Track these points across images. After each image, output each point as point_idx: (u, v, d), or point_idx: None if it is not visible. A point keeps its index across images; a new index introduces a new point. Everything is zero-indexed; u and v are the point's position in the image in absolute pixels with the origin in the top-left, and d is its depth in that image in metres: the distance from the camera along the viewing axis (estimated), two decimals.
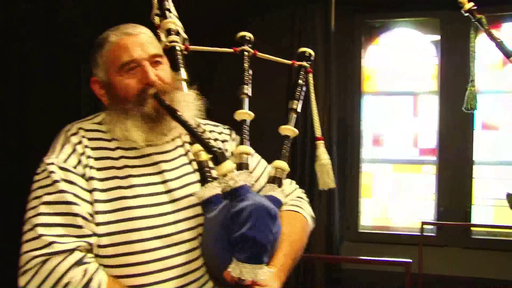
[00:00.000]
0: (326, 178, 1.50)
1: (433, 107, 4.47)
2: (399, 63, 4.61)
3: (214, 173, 1.27)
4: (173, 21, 1.40)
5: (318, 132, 1.53)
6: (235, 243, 1.12)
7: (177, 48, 1.38)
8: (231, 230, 1.12)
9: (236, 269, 1.11)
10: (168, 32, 1.39)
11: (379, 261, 3.47)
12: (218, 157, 1.18)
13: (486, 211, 4.39)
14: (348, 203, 4.54)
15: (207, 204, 1.24)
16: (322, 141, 1.51)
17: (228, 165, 1.18)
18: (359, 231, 4.59)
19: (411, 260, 2.85)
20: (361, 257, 3.68)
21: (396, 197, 4.62)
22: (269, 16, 4.29)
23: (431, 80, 4.52)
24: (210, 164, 1.28)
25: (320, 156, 1.51)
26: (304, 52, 1.51)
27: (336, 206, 4.21)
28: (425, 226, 4.28)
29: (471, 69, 3.00)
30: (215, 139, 1.38)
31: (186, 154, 1.35)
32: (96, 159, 1.25)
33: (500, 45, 2.81)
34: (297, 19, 4.25)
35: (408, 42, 4.60)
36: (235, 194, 1.17)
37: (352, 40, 4.53)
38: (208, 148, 1.20)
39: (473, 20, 2.92)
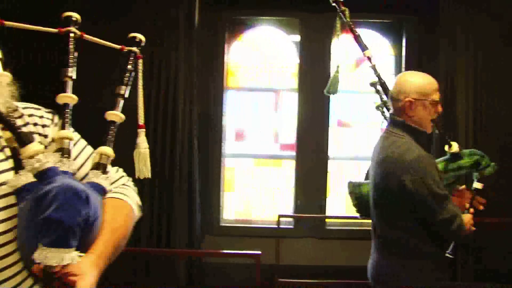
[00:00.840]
0: (143, 166, 1.47)
1: (293, 104, 4.63)
2: (261, 60, 4.72)
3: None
4: None
5: (141, 119, 1.49)
6: (40, 228, 1.04)
7: None
8: (36, 215, 1.05)
9: (41, 255, 1.03)
10: None
11: (230, 253, 3.53)
12: (23, 138, 1.10)
13: (339, 203, 4.65)
14: (210, 197, 4.56)
15: (21, 192, 1.14)
16: (144, 129, 1.48)
17: (34, 146, 1.11)
18: (221, 225, 4.63)
19: (259, 252, 2.92)
20: (212, 250, 3.72)
21: (257, 191, 4.72)
22: (137, 8, 4.16)
23: (292, 77, 4.69)
24: None
25: (139, 144, 1.48)
26: (134, 37, 1.46)
27: (197, 200, 4.21)
28: (283, 219, 4.46)
29: (337, 57, 3.16)
30: (35, 124, 1.28)
31: None
32: None
33: (358, 38, 2.98)
34: (161, 12, 4.17)
35: (271, 40, 4.73)
36: (42, 177, 1.10)
37: (216, 35, 4.55)
38: (12, 130, 1.12)
39: (338, 11, 3.07)
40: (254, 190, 4.73)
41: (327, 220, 4.60)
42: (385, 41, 4.72)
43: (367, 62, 2.80)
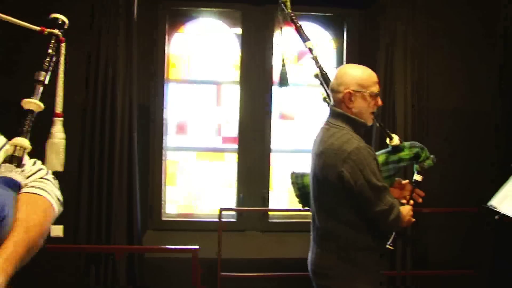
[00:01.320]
0: (55, 158, 1.37)
1: (235, 96, 4.58)
2: (204, 52, 4.65)
3: None
4: None
5: (58, 107, 1.39)
6: None
7: None
8: None
9: None
10: None
11: (167, 249, 3.46)
12: None
13: (282, 196, 4.66)
14: (151, 191, 4.46)
15: None
16: (61, 118, 1.38)
17: None
18: (163, 219, 4.54)
19: (197, 247, 2.87)
20: (148, 246, 3.64)
21: (200, 185, 4.66)
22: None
23: (234, 70, 4.64)
24: None
25: (54, 134, 1.38)
26: (57, 18, 1.36)
27: (138, 195, 4.11)
28: (227, 212, 4.42)
29: (282, 51, 3.15)
30: None
31: None
32: None
33: (299, 29, 2.97)
34: (99, 3, 4.02)
35: (213, 32, 4.66)
36: None
37: (156, 25, 4.45)
38: None
39: (280, 2, 3.06)
40: (197, 183, 4.66)
41: (270, 213, 4.60)
42: (327, 35, 4.75)
43: (309, 54, 2.83)
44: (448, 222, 4.36)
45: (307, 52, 4.68)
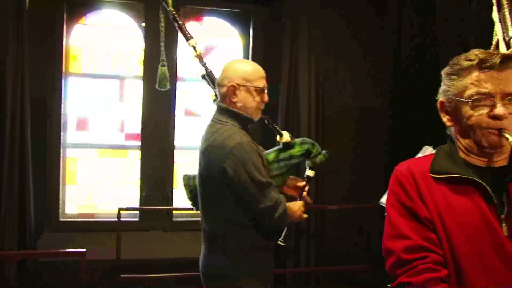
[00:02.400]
0: None
1: (138, 92, 4.43)
2: (106, 45, 4.47)
3: None
4: None
5: None
6: None
7: None
8: None
9: None
10: None
11: (52, 253, 3.28)
12: None
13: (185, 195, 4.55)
14: (48, 191, 4.23)
15: None
16: None
17: None
18: (61, 220, 4.31)
19: (84, 250, 2.73)
20: (30, 251, 3.44)
21: (102, 183, 4.48)
22: None
23: (138, 65, 4.49)
24: None
25: None
26: None
27: (31, 195, 3.87)
28: (130, 212, 4.29)
29: (161, 49, 3.05)
30: None
31: None
32: None
33: (181, 28, 2.89)
34: None
35: (116, 24, 4.49)
36: None
37: (53, 15, 4.20)
38: None
39: (161, 1, 2.96)
40: (99, 182, 4.47)
41: (174, 211, 4.48)
42: (234, 30, 4.70)
43: (216, 50, 2.76)
44: (349, 218, 4.44)
45: (214, 48, 4.72)
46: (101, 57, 4.47)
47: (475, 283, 1.32)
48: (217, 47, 4.66)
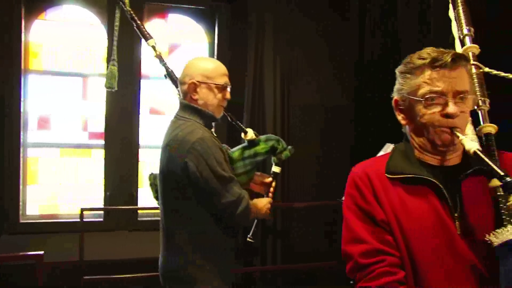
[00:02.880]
0: None
1: (102, 90, 4.33)
2: (68, 42, 4.36)
3: None
4: None
5: None
6: None
7: None
8: None
9: None
10: None
11: (8, 256, 3.18)
12: None
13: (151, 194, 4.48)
14: (7, 191, 4.10)
15: None
16: None
17: None
18: (22, 222, 4.19)
19: (41, 252, 2.65)
20: None
21: (64, 183, 4.37)
22: None
23: (101, 62, 4.41)
24: None
25: None
26: None
27: None
28: (93, 212, 4.20)
29: (113, 48, 2.99)
30: None
31: None
32: None
33: (139, 28, 2.84)
34: None
35: (78, 20, 4.39)
36: None
37: (11, 11, 4.08)
38: None
39: (118, 0, 2.90)
40: (61, 182, 4.37)
41: (140, 211, 4.41)
42: (199, 28, 4.65)
43: (181, 48, 2.71)
44: (316, 215, 4.45)
45: (179, 45, 4.66)
46: (63, 54, 4.35)
47: (432, 283, 1.33)
48: (182, 45, 4.61)
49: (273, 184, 2.60)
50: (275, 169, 2.62)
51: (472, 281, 1.32)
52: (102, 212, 4.33)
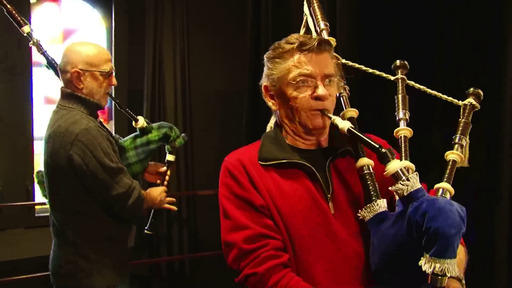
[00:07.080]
0: None
1: None
2: None
3: None
4: None
5: None
6: None
7: None
8: None
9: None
10: None
11: None
12: None
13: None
14: None
15: None
16: None
17: None
18: None
19: None
20: None
21: None
22: None
23: None
24: None
25: None
26: None
27: None
28: None
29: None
30: None
31: None
32: None
33: (11, 13, 2.60)
34: None
35: None
36: None
37: None
38: None
39: None
40: None
41: (36, 207, 4.19)
42: (96, 12, 4.47)
43: (77, 34, 2.53)
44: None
45: (74, 31, 4.45)
46: None
47: (310, 264, 1.37)
48: (78, 30, 4.40)
49: (168, 172, 2.55)
50: (169, 157, 2.56)
51: (347, 258, 1.37)
52: None
